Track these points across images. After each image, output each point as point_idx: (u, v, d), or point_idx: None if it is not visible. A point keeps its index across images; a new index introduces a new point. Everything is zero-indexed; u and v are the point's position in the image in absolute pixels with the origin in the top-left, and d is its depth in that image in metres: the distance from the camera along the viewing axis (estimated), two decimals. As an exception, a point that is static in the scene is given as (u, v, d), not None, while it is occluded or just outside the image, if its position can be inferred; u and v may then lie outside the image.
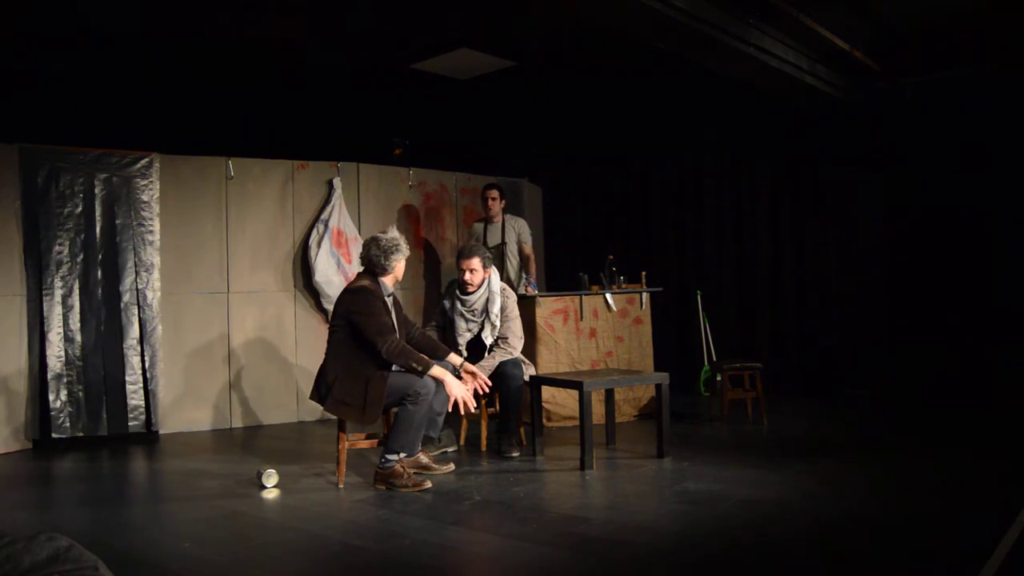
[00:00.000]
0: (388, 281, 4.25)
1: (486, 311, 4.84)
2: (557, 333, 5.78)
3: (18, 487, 4.46)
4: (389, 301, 4.25)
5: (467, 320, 4.87)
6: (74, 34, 5.27)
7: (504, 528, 3.35)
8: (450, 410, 4.24)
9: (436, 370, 4.04)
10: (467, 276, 4.80)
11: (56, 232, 5.47)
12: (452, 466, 4.41)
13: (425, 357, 4.08)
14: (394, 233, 4.26)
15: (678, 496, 3.77)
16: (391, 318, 4.17)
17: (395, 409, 4.17)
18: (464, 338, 4.87)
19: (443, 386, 4.07)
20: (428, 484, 4.03)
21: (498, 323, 4.83)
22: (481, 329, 4.86)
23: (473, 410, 4.27)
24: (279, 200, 6.44)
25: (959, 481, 3.97)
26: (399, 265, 4.25)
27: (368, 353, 4.06)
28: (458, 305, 4.90)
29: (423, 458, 4.29)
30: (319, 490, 4.09)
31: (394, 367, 4.11)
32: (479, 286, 4.85)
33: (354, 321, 4.05)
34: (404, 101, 7.29)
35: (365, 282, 4.16)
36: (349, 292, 4.16)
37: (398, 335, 4.17)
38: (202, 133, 6.62)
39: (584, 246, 8.37)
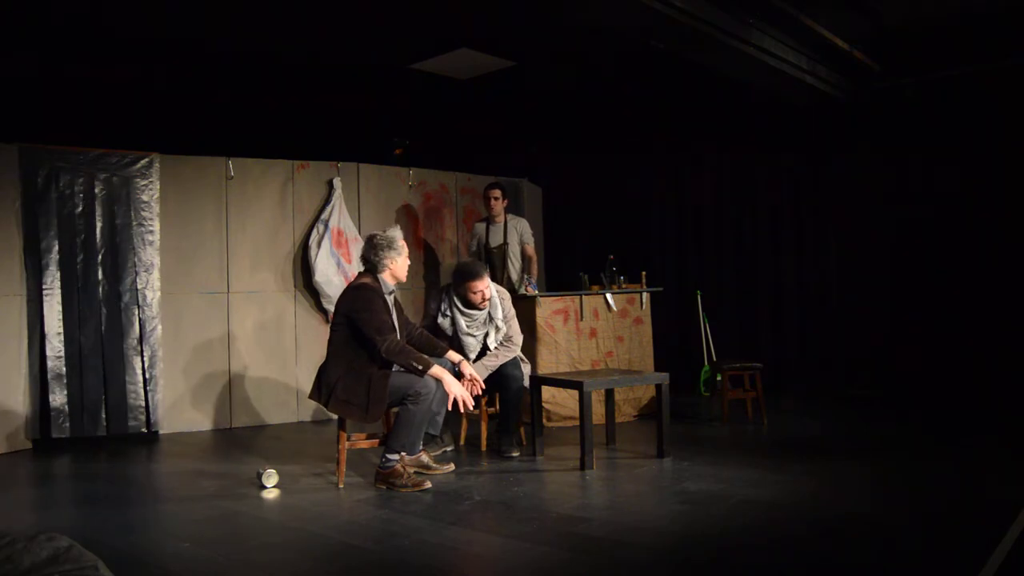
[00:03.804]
0: (388, 279, 4.24)
1: (490, 317, 4.80)
2: (557, 333, 5.77)
3: (18, 487, 4.47)
4: (390, 300, 4.25)
5: (474, 336, 4.83)
6: (75, 35, 5.27)
7: (504, 528, 3.35)
8: (449, 409, 4.25)
9: (436, 369, 4.03)
10: (479, 298, 4.70)
11: (56, 232, 5.46)
12: (452, 466, 4.41)
13: (425, 356, 4.09)
14: (392, 232, 4.26)
15: (678, 496, 3.77)
16: (391, 317, 4.17)
17: (395, 409, 4.17)
18: (474, 352, 4.79)
19: (442, 385, 4.07)
20: (428, 484, 4.03)
21: (503, 327, 4.81)
22: (486, 335, 4.83)
23: (472, 409, 4.27)
24: (279, 200, 6.44)
25: (959, 481, 3.97)
26: (394, 263, 4.22)
27: (369, 352, 4.06)
28: (462, 323, 4.78)
29: (424, 457, 4.29)
30: (319, 490, 4.09)
31: (395, 366, 4.12)
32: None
33: (354, 319, 4.05)
34: (404, 101, 7.29)
35: (366, 280, 4.17)
36: (351, 289, 4.17)
37: (398, 335, 4.17)
38: (202, 133, 6.62)
39: (584, 246, 8.37)
